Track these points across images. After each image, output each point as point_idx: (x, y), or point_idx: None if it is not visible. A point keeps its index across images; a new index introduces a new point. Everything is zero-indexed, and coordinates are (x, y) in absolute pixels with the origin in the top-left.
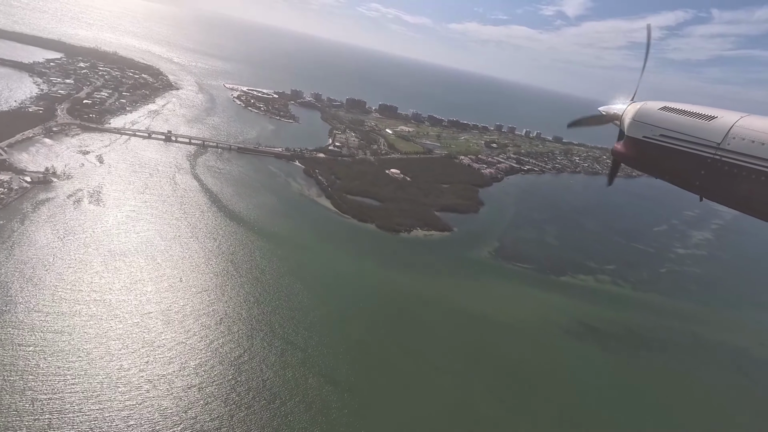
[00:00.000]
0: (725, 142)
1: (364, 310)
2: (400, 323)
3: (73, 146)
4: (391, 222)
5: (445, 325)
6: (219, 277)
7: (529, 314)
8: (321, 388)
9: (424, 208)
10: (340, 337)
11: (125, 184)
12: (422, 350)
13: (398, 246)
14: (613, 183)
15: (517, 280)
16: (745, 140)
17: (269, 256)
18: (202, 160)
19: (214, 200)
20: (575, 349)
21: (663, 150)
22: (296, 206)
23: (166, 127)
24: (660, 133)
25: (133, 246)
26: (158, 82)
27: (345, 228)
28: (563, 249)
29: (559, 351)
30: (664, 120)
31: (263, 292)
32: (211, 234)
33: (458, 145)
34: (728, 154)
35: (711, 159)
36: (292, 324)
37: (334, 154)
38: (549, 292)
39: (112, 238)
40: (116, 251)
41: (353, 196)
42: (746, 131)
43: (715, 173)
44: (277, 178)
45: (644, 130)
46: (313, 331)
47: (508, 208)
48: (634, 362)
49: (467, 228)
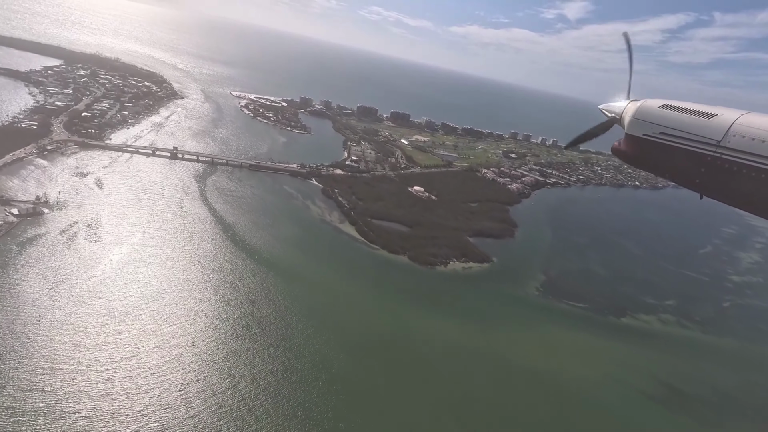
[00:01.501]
0: (725, 140)
1: (410, 376)
2: (456, 395)
3: (69, 167)
4: (424, 253)
5: (504, 393)
6: (238, 340)
7: (597, 372)
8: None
9: (456, 233)
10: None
11: (127, 215)
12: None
13: (436, 283)
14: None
15: (574, 323)
16: (745, 138)
17: (296, 306)
18: (211, 181)
19: (228, 232)
20: (663, 420)
21: (663, 148)
22: (320, 236)
23: (171, 142)
24: (660, 131)
25: (136, 299)
26: (162, 91)
27: (375, 262)
28: (614, 281)
29: (645, 428)
30: (664, 118)
31: (293, 358)
32: (226, 277)
33: (477, 156)
34: (728, 151)
35: (711, 157)
36: (333, 408)
37: (352, 170)
38: (613, 340)
39: (110, 290)
40: (115, 309)
41: (378, 221)
42: (746, 129)
43: (715, 171)
44: (294, 201)
45: (644, 127)
46: (366, 415)
47: (543, 231)
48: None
49: (506, 257)
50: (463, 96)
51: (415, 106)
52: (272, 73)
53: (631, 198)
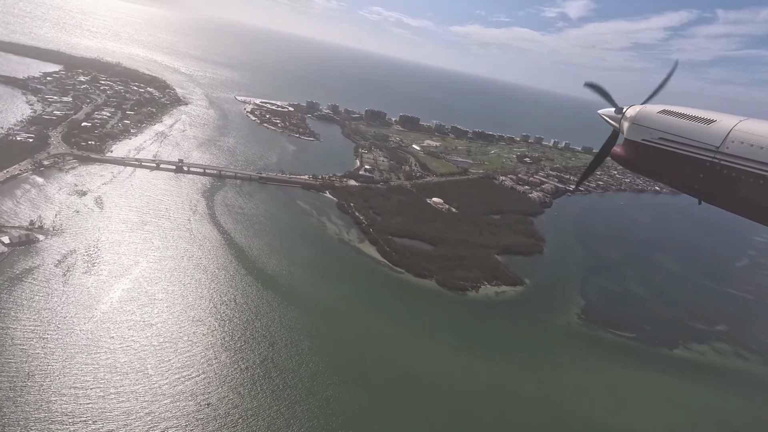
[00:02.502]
0: (724, 146)
1: (456, 427)
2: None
3: (67, 185)
4: (453, 276)
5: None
6: (259, 395)
7: (659, 421)
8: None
9: (483, 251)
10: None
11: (129, 241)
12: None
13: (470, 312)
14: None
15: (624, 357)
16: (743, 144)
17: (322, 347)
18: (220, 197)
19: (241, 258)
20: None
21: (662, 153)
22: (340, 260)
23: (176, 153)
24: (659, 137)
25: (141, 346)
26: (165, 97)
27: (401, 288)
28: (656, 303)
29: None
30: (663, 123)
31: (322, 417)
32: (242, 315)
33: (491, 161)
34: (727, 157)
35: (710, 162)
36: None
37: (367, 180)
38: (670, 376)
39: (112, 335)
40: (118, 362)
41: (399, 239)
42: (745, 135)
43: (713, 177)
44: (309, 218)
45: (643, 133)
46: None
47: (572, 245)
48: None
49: (539, 278)
50: (466, 97)
51: (419, 107)
52: (275, 75)
53: (653, 204)
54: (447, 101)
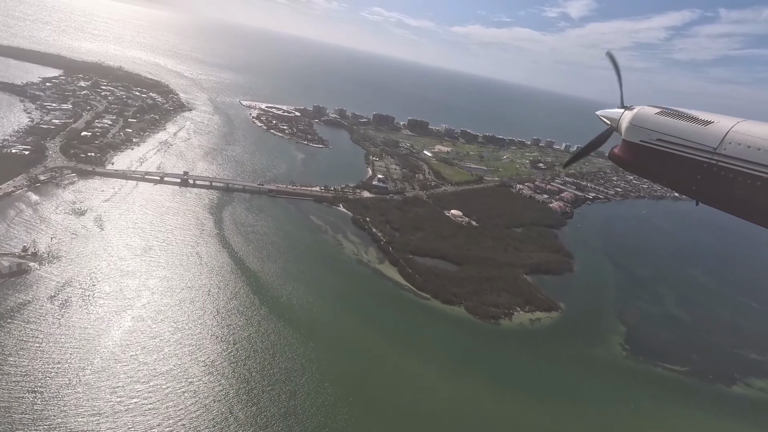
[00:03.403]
0: (721, 147)
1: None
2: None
3: (64, 203)
4: (483, 301)
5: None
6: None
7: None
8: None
9: (510, 271)
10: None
11: (132, 270)
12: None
13: (505, 344)
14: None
15: (678, 396)
16: (741, 145)
17: (349, 393)
18: (228, 214)
19: (254, 286)
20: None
21: (660, 154)
22: (360, 284)
23: (180, 165)
24: (657, 138)
25: (143, 400)
26: (168, 103)
27: (428, 317)
28: (700, 328)
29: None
30: (660, 124)
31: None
32: (257, 355)
33: (505, 167)
34: (724, 158)
35: (707, 164)
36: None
37: (381, 191)
38: (741, 422)
39: (112, 387)
40: (118, 427)
41: (421, 258)
42: (742, 136)
43: (711, 178)
44: (323, 236)
45: (641, 134)
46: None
47: (601, 261)
48: None
49: (573, 301)
50: (468, 98)
51: (423, 109)
52: (278, 77)
53: (675, 212)
54: (449, 102)
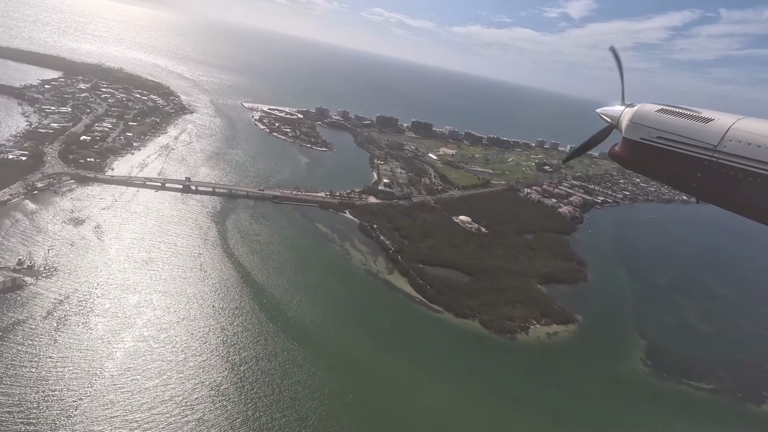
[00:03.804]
0: (722, 145)
1: None
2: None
3: (62, 212)
4: (498, 315)
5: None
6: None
7: None
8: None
9: (524, 281)
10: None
11: (132, 284)
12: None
13: (521, 361)
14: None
15: (707, 418)
16: (741, 143)
17: (363, 417)
18: (232, 222)
19: (260, 300)
20: None
21: (660, 152)
22: (370, 297)
23: (182, 170)
24: (657, 135)
25: (145, 429)
26: (169, 105)
27: (442, 332)
28: (723, 341)
29: None
30: (661, 122)
31: None
32: (266, 379)
33: (511, 170)
34: (725, 156)
35: (708, 161)
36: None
37: (387, 197)
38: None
39: (111, 415)
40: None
41: (432, 267)
42: (743, 134)
43: (711, 175)
44: (331, 245)
45: (641, 132)
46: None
47: (615, 269)
48: None
49: (590, 312)
50: (469, 99)
51: (425, 110)
52: (279, 78)
53: (684, 216)
54: (449, 102)
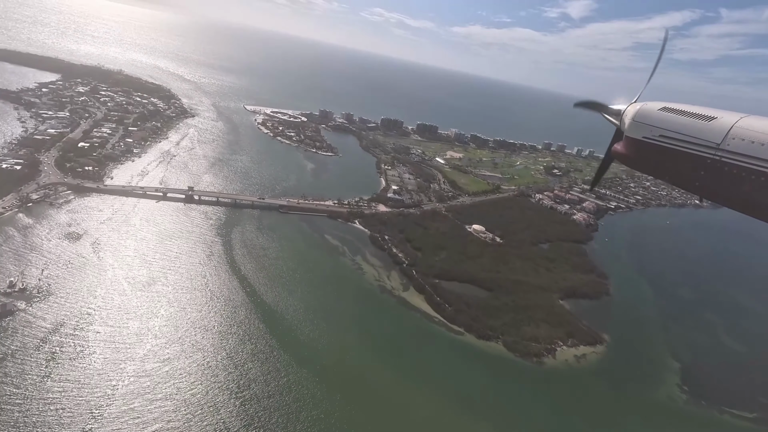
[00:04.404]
0: (725, 143)
1: None
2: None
3: (58, 226)
4: (521, 334)
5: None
6: None
7: None
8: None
9: (545, 296)
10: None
11: (133, 308)
12: None
13: (551, 387)
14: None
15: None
16: (744, 141)
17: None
18: (238, 234)
19: (271, 323)
20: None
21: (663, 150)
22: (386, 317)
23: (184, 178)
24: (660, 134)
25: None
26: (170, 109)
27: (464, 356)
28: (762, 364)
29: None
30: (663, 120)
31: None
32: (281, 414)
33: (520, 174)
34: (728, 154)
35: (711, 159)
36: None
37: (397, 204)
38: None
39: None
40: None
41: (448, 282)
42: (746, 132)
43: (714, 174)
44: (341, 259)
45: (644, 130)
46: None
47: (638, 282)
48: None
49: (618, 331)
50: (470, 99)
51: (428, 111)
52: (280, 79)
53: (700, 221)
54: (450, 103)
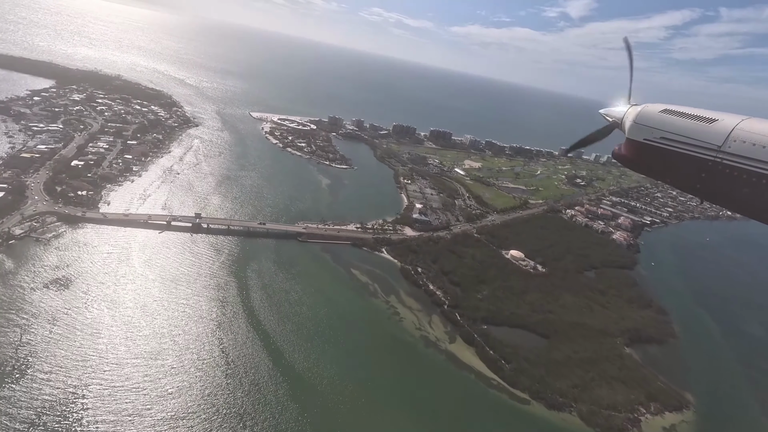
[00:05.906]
0: (726, 145)
1: None
2: None
3: (44, 269)
4: (595, 400)
5: None
6: None
7: None
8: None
9: (609, 343)
10: None
11: (132, 383)
12: None
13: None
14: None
15: None
16: (746, 143)
17: None
18: (254, 272)
19: (301, 397)
20: None
21: (664, 153)
22: (435, 382)
23: (190, 202)
24: (661, 136)
25: None
26: (172, 118)
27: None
28: None
29: None
30: (665, 123)
31: None
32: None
33: (544, 186)
34: (729, 156)
35: (712, 162)
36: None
37: (424, 227)
38: None
39: None
40: None
41: (497, 327)
42: (747, 134)
43: (716, 176)
44: (373, 300)
45: (645, 132)
46: None
47: (702, 319)
48: None
49: (701, 389)
50: (470, 100)
51: (423, 110)
52: (283, 82)
53: (739, 237)
54: (451, 104)
